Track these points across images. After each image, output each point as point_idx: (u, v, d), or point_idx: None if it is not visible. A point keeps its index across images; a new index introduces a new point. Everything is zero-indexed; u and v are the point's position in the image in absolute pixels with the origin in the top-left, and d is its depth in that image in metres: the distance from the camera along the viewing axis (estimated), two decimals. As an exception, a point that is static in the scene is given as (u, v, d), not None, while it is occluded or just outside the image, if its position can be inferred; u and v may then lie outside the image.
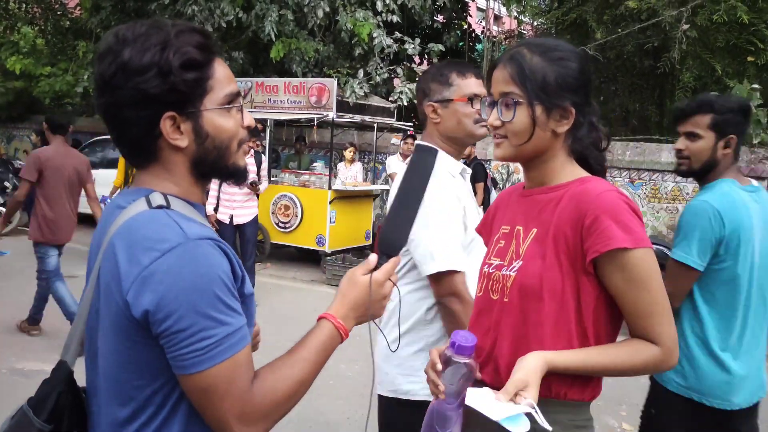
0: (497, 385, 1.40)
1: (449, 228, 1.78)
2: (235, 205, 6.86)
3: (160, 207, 1.08)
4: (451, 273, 1.82)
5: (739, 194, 2.24)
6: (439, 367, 1.42)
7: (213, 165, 1.16)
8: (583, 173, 1.46)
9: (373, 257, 1.26)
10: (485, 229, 1.68)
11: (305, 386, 1.13)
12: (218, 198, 6.89)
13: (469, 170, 2.04)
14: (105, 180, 11.12)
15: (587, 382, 1.41)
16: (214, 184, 6.58)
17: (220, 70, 1.15)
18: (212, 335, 1.01)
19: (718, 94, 2.54)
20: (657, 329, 1.34)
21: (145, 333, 1.04)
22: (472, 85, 2.02)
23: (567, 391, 1.39)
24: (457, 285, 1.84)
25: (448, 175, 1.86)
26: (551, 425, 1.33)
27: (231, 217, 6.85)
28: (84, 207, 5.54)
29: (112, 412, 1.10)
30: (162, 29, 1.10)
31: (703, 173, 2.34)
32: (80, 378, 1.21)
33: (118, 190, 8.22)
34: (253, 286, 3.48)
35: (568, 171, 1.46)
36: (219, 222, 6.83)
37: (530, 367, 1.29)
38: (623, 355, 1.34)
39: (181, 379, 1.04)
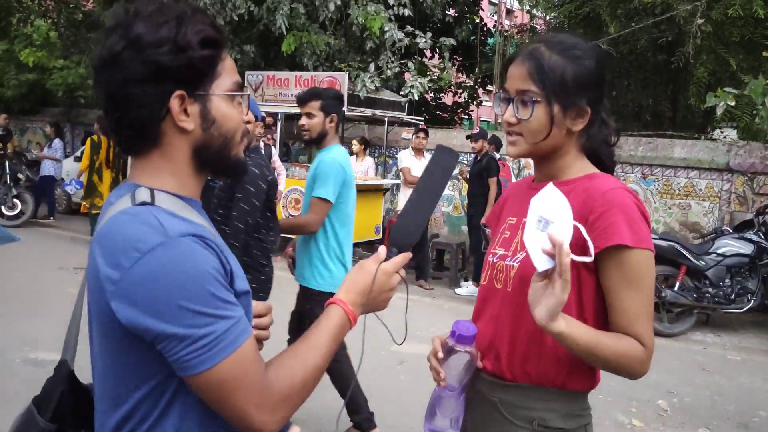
0: (498, 374, 1.46)
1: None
2: None
3: (143, 204, 1.03)
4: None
5: (344, 154, 3.50)
6: (441, 355, 1.45)
7: (216, 154, 1.12)
8: (592, 169, 1.47)
9: (382, 249, 1.25)
10: (493, 221, 1.69)
11: (319, 372, 1.11)
12: None
13: None
14: (117, 172, 11.25)
15: (586, 372, 1.42)
16: None
17: (228, 59, 1.13)
18: (210, 332, 0.97)
19: (325, 88, 3.89)
20: (642, 331, 1.34)
21: (131, 337, 0.99)
22: None
23: (566, 381, 1.40)
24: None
25: None
26: (548, 413, 1.39)
27: None
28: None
29: (107, 415, 1.08)
30: (176, 6, 1.07)
31: (319, 141, 3.51)
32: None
33: (83, 174, 8.69)
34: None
35: (578, 166, 1.47)
36: None
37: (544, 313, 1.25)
38: (620, 346, 1.33)
39: (188, 380, 1.00)
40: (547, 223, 1.23)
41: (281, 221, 3.64)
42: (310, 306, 3.47)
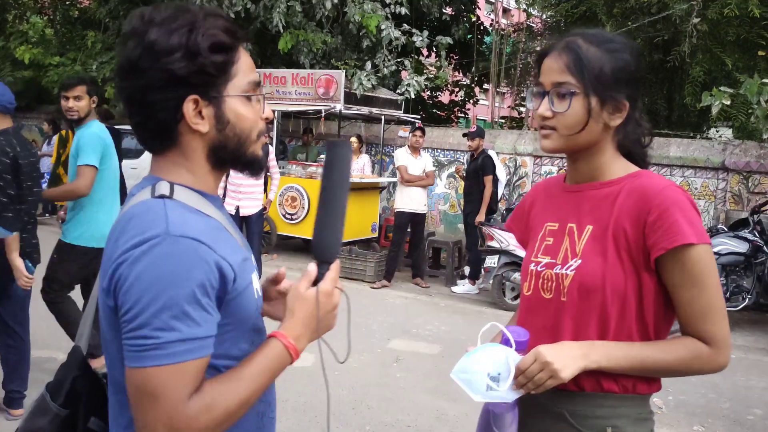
0: (561, 386, 1.37)
1: None
2: (241, 196, 6.87)
3: (161, 197, 1.07)
4: None
5: (102, 128, 4.02)
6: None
7: (232, 153, 1.15)
8: (633, 168, 1.43)
9: (312, 267, 1.17)
10: (518, 224, 1.64)
11: (246, 406, 1.07)
12: (225, 189, 6.90)
13: None
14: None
15: None
16: None
17: (244, 57, 1.14)
18: (158, 336, 0.98)
19: (85, 75, 4.83)
20: (711, 328, 1.30)
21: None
22: None
23: (635, 384, 1.37)
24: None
25: None
26: (620, 420, 1.36)
27: (237, 209, 6.87)
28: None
29: (112, 403, 1.11)
30: (188, 11, 1.09)
31: (82, 120, 3.98)
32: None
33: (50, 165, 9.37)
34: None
35: (619, 165, 1.43)
36: None
37: (569, 365, 1.28)
38: (673, 354, 1.31)
39: (125, 370, 1.01)
40: (498, 379, 1.30)
41: (56, 189, 4.35)
42: (73, 258, 4.03)
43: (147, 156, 10.54)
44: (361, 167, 9.09)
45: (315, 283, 1.16)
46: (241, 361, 1.10)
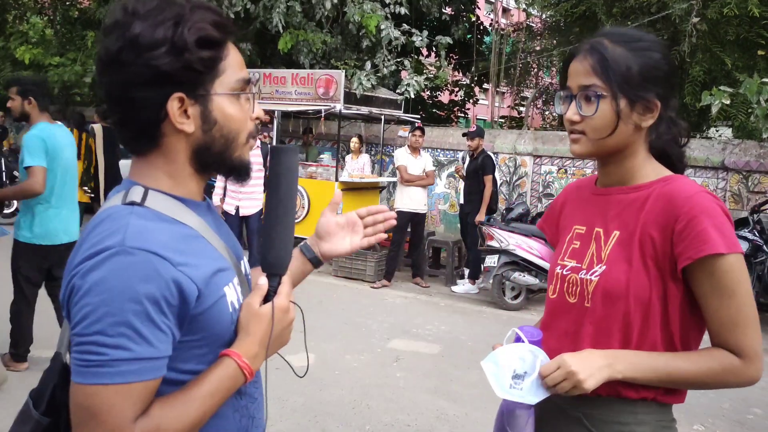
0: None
1: None
2: (241, 196, 6.87)
3: (131, 203, 1.02)
4: None
5: (52, 128, 4.16)
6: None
7: (218, 156, 1.09)
8: (665, 171, 1.39)
9: (263, 281, 1.11)
10: (549, 224, 1.62)
11: (197, 426, 1.02)
12: (224, 189, 6.91)
13: None
14: (113, 170, 11.19)
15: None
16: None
17: (233, 53, 1.09)
18: (105, 353, 0.93)
19: (25, 76, 4.85)
20: (741, 339, 1.26)
21: None
22: None
23: (656, 395, 1.34)
24: None
25: None
26: (639, 426, 1.34)
27: (237, 209, 6.87)
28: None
29: None
30: (175, 3, 1.03)
31: (24, 119, 4.22)
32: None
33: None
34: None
35: (649, 169, 1.38)
36: (225, 213, 6.85)
37: (593, 375, 1.26)
38: (702, 366, 1.27)
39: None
40: (522, 377, 1.29)
41: (9, 189, 4.61)
42: (28, 256, 4.20)
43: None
44: (361, 167, 9.09)
45: (267, 298, 1.11)
46: (191, 381, 1.03)
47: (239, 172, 1.14)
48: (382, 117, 9.97)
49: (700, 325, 1.34)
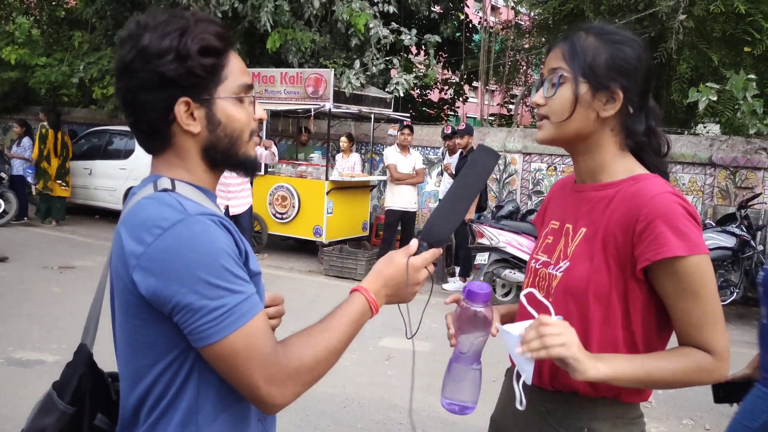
0: (539, 384, 1.40)
1: None
2: (230, 195, 6.86)
3: (164, 190, 1.11)
4: None
5: None
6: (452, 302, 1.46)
7: (224, 153, 1.19)
8: (639, 169, 1.38)
9: (414, 243, 1.27)
10: (539, 220, 1.63)
11: (334, 354, 1.14)
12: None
13: None
14: (102, 171, 11.13)
15: None
16: None
17: (235, 61, 1.19)
18: (223, 305, 1.03)
19: None
20: (710, 338, 1.27)
21: (152, 311, 1.06)
22: None
23: (617, 394, 1.35)
24: None
25: None
26: (598, 423, 1.34)
27: (227, 208, 6.85)
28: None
29: (127, 394, 1.14)
30: (182, 17, 1.14)
31: None
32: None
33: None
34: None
35: (621, 166, 1.38)
36: None
37: (584, 362, 1.20)
38: (679, 365, 1.27)
39: (201, 351, 1.06)
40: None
41: None
42: None
43: (135, 157, 10.54)
44: (351, 166, 9.09)
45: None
46: (327, 314, 1.17)
47: (245, 167, 1.24)
48: (372, 116, 9.96)
49: (668, 326, 1.34)
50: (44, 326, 5.33)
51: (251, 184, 7.18)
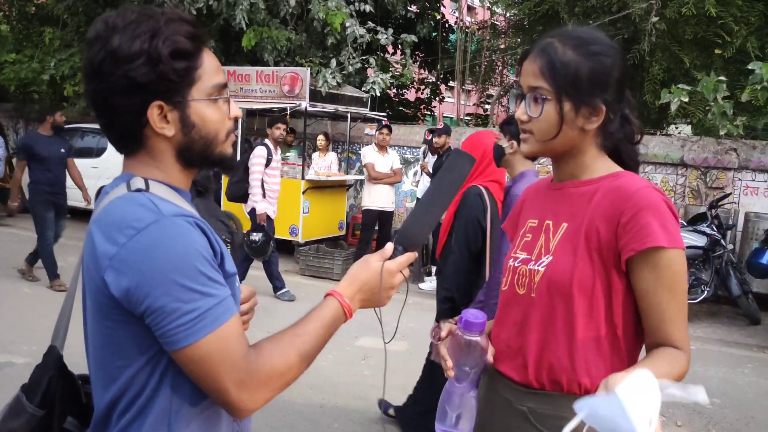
0: (525, 383, 1.40)
1: None
2: (273, 200, 6.87)
3: (138, 190, 1.09)
4: None
5: None
6: (444, 335, 1.45)
7: (199, 154, 1.17)
8: (616, 168, 1.41)
9: (389, 246, 1.26)
10: (511, 225, 1.63)
11: (306, 360, 1.13)
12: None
13: None
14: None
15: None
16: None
17: (208, 60, 1.15)
18: (196, 308, 1.01)
19: None
20: (679, 335, 1.29)
21: (124, 312, 1.04)
22: None
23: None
24: None
25: None
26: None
27: (266, 214, 6.78)
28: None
29: (99, 396, 1.11)
30: (152, 17, 1.09)
31: None
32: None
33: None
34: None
35: (600, 165, 1.41)
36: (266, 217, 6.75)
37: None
38: (674, 368, 1.26)
39: (173, 354, 1.04)
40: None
41: None
42: None
43: (107, 155, 10.39)
44: (328, 165, 9.06)
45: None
46: (300, 319, 1.16)
47: (222, 166, 1.22)
48: (349, 115, 9.94)
49: (640, 323, 1.35)
50: (14, 328, 5.23)
51: (221, 180, 7.07)
